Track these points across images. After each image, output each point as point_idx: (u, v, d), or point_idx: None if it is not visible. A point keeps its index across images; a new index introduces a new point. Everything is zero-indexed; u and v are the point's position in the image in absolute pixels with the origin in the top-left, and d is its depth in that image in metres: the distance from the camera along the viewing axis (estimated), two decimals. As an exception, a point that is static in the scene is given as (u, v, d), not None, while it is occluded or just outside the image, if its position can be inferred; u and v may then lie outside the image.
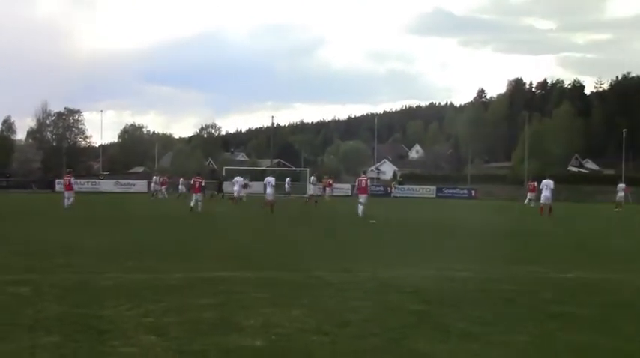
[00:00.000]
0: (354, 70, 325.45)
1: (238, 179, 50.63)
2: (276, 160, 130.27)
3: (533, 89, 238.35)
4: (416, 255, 17.05)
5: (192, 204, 36.27)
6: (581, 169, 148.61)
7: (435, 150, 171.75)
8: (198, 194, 36.86)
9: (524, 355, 7.14)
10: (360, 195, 34.57)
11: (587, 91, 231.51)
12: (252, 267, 13.79)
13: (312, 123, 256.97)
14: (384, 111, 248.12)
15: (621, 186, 58.15)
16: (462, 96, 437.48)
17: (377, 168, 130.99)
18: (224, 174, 78.67)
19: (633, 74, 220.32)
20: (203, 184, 38.41)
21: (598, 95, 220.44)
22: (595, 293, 11.34)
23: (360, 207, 33.55)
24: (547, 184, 38.95)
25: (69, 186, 37.39)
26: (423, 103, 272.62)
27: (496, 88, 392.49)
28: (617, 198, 54.30)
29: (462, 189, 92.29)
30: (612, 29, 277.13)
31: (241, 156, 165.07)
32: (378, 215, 34.38)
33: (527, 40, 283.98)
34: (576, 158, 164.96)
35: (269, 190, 37.42)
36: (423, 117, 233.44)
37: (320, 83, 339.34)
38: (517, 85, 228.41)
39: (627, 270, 14.60)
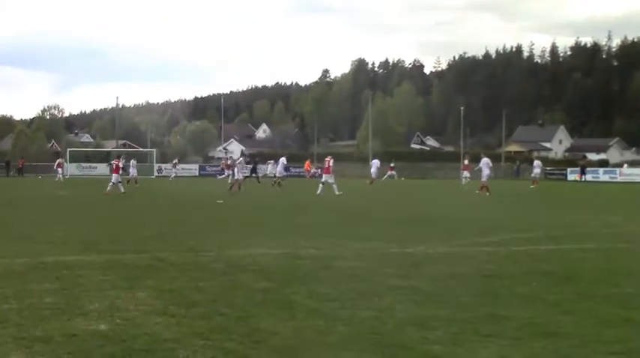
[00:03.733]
0: (199, 50, 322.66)
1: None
2: (122, 141, 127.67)
3: (376, 69, 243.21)
4: (263, 234, 17.06)
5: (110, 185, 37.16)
6: (423, 147, 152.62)
7: (282, 130, 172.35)
8: (116, 175, 38.06)
9: (369, 329, 7.25)
10: (324, 175, 37.70)
11: (426, 71, 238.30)
12: (97, 250, 13.47)
13: (158, 103, 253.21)
14: (231, 92, 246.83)
15: (538, 162, 60.01)
16: (307, 75, 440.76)
17: (224, 148, 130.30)
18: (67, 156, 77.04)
19: (469, 54, 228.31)
20: (121, 165, 39.77)
21: (437, 74, 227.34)
22: (435, 267, 11.68)
23: (321, 186, 36.66)
24: (487, 162, 40.15)
25: None
26: (269, 83, 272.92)
27: (340, 68, 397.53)
28: (533, 175, 56.29)
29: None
30: (450, 11, 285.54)
31: (86, 138, 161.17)
32: (226, 195, 34.30)
33: (371, 22, 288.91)
34: (418, 136, 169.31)
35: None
36: (270, 96, 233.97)
37: (165, 63, 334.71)
38: (360, 64, 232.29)
39: (470, 244, 15.08)
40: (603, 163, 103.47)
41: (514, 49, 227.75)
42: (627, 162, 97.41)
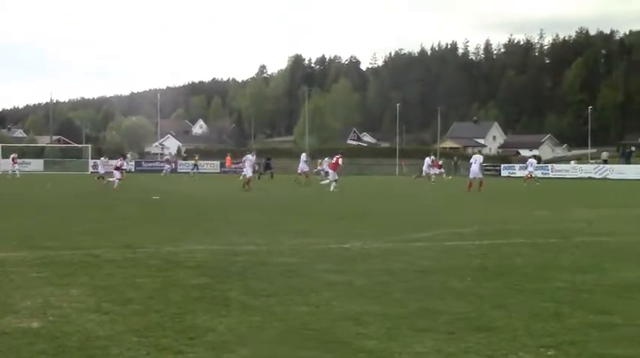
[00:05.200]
0: (135, 45, 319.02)
1: None
2: (57, 137, 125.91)
3: (313, 65, 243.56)
4: (200, 230, 17.02)
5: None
6: (359, 143, 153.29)
7: (219, 125, 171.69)
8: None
9: (304, 325, 7.29)
10: (330, 171, 39.36)
11: (363, 67, 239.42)
12: (32, 246, 13.29)
13: (93, 98, 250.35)
14: (167, 87, 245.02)
15: (532, 161, 60.56)
16: (244, 71, 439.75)
17: (161, 144, 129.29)
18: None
19: (405, 51, 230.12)
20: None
21: (373, 71, 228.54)
22: (371, 262, 11.78)
23: (334, 183, 37.73)
24: (476, 159, 40.15)
25: None
26: (206, 79, 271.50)
27: (277, 64, 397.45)
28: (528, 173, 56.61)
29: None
30: (387, 6, 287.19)
31: (19, 133, 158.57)
32: (163, 190, 34.09)
33: (308, 18, 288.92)
34: (354, 132, 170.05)
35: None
36: (206, 92, 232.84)
37: (100, 58, 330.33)
38: (297, 60, 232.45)
39: (405, 240, 15.23)
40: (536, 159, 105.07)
41: (449, 46, 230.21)
42: (558, 157, 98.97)
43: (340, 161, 39.55)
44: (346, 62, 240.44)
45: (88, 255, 12.18)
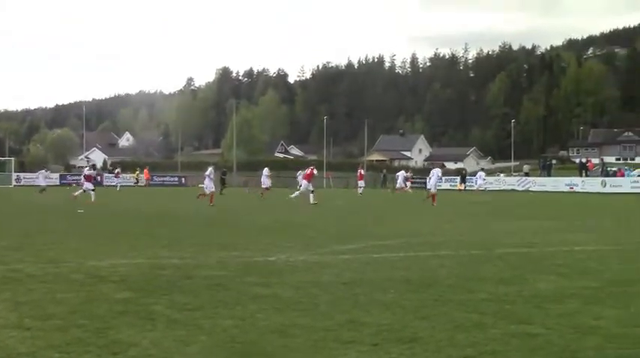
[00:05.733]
0: (59, 56, 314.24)
1: None
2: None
3: (241, 78, 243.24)
4: (126, 244, 16.83)
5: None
6: (286, 156, 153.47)
7: (146, 138, 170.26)
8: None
9: (230, 338, 7.28)
10: (303, 182, 39.62)
11: (291, 80, 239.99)
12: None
13: (17, 111, 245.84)
14: (93, 99, 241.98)
15: (481, 174, 62.34)
16: (171, 84, 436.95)
17: (86, 157, 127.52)
18: None
19: (332, 64, 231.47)
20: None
21: (301, 84, 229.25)
22: (297, 275, 11.81)
23: (311, 194, 37.89)
24: (434, 172, 40.14)
25: None
26: (133, 91, 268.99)
27: (205, 77, 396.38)
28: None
29: (173, 177, 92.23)
30: (315, 19, 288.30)
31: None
32: (88, 204, 33.63)
33: (234, 30, 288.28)
34: (282, 144, 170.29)
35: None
36: (133, 105, 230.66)
37: (24, 70, 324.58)
38: (225, 73, 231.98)
39: (331, 252, 15.30)
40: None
41: (376, 60, 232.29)
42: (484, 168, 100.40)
43: (315, 171, 39.85)
44: (274, 75, 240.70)
45: (10, 270, 11.95)
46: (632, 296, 9.86)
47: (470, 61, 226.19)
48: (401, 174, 63.50)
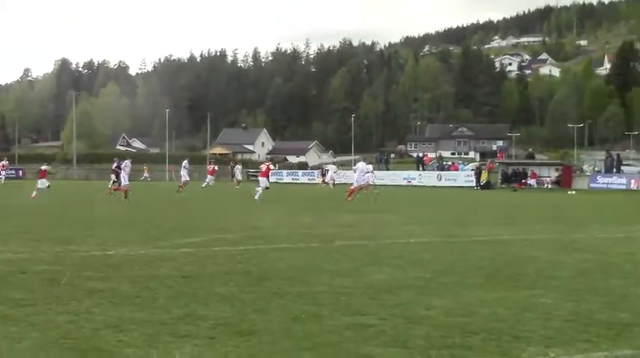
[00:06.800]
0: None
1: None
2: None
3: (80, 69, 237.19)
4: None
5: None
6: (129, 149, 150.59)
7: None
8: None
9: (64, 334, 7.16)
10: (260, 178, 37.52)
11: (132, 72, 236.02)
12: None
13: None
14: None
15: (332, 166, 62.06)
16: (7, 75, 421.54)
17: None
18: None
19: (174, 57, 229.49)
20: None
21: (143, 76, 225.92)
22: (136, 269, 11.69)
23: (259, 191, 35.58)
24: (359, 167, 39.70)
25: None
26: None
27: (43, 68, 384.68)
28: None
29: (10, 169, 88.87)
30: (155, 11, 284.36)
31: None
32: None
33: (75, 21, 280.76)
34: (124, 137, 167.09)
35: None
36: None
37: None
38: (64, 64, 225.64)
39: (172, 246, 15.19)
40: (302, 166, 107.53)
41: (218, 53, 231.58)
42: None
43: (271, 167, 39.38)
44: (115, 67, 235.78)
45: None
46: (461, 287, 10.28)
47: (311, 56, 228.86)
48: (331, 168, 62.97)
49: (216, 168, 59.54)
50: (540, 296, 9.51)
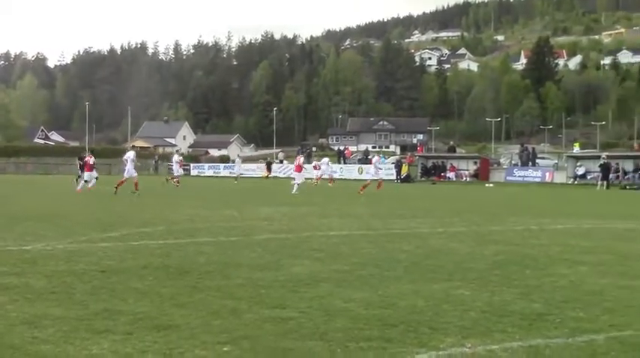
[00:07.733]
0: None
1: None
2: None
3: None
4: None
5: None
6: (47, 142, 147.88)
7: None
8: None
9: (-24, 331, 7.04)
10: (295, 174, 39.74)
11: (50, 64, 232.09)
12: None
13: None
14: None
15: (326, 159, 61.45)
16: None
17: None
18: None
19: (94, 49, 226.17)
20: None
21: (62, 68, 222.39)
22: (53, 264, 11.52)
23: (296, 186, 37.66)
24: (324, 161, 40.30)
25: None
26: None
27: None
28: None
29: None
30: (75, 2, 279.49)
31: None
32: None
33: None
34: (42, 130, 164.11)
35: None
36: None
37: None
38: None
39: (90, 240, 15.02)
40: (224, 159, 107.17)
41: (139, 46, 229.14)
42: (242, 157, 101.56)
43: (301, 161, 42.03)
44: (32, 59, 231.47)
45: None
46: (380, 279, 10.40)
47: (233, 50, 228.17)
48: (324, 160, 60.69)
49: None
50: (458, 288, 9.69)
